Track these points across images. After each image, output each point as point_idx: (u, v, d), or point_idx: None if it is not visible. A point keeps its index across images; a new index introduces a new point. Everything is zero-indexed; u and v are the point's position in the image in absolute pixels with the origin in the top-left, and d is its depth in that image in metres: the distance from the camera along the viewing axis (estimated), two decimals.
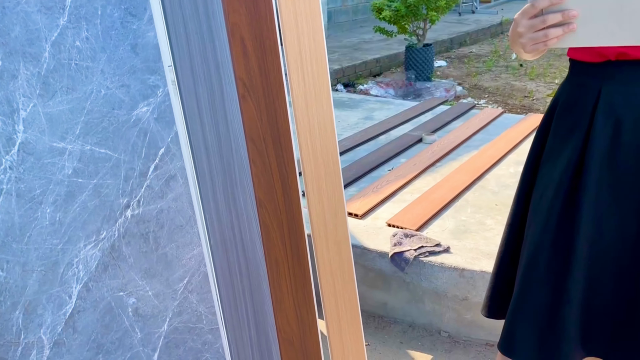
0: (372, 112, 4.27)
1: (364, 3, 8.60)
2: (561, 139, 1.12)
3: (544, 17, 0.91)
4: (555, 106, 1.16)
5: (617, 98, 1.03)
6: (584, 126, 1.07)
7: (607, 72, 1.04)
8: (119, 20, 0.86)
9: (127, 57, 0.88)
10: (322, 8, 1.08)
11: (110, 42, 0.85)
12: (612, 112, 1.03)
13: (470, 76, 5.98)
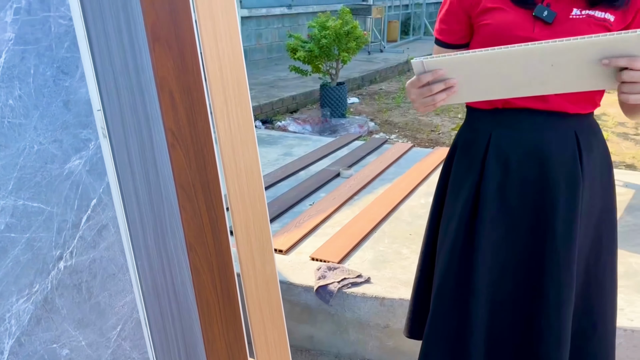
0: (291, 149, 4.38)
1: (278, 42, 8.83)
2: (461, 177, 1.27)
3: (430, 87, 1.06)
4: (455, 148, 1.32)
5: (504, 141, 1.19)
6: (478, 166, 1.22)
7: (496, 118, 1.20)
8: (51, 78, 0.89)
9: (59, 113, 0.91)
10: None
11: (42, 99, 0.88)
12: (501, 154, 1.19)
13: (381, 112, 6.30)
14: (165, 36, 1.10)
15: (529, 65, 0.98)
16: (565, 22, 1.09)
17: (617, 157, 4.55)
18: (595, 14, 1.08)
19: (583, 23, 1.08)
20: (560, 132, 1.17)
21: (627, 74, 0.94)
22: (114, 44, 1.02)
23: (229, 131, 1.27)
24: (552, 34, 1.08)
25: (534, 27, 1.11)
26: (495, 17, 1.15)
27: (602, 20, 1.08)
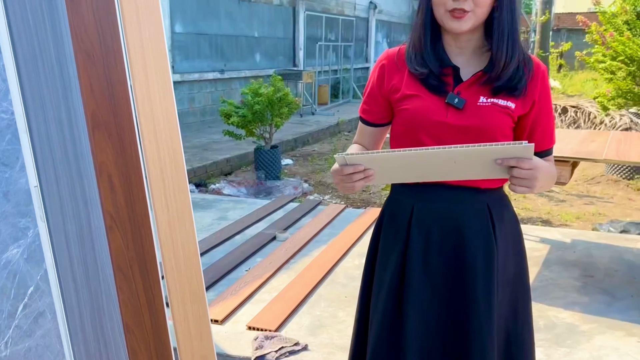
0: (226, 212, 4.39)
1: (211, 105, 8.94)
2: (388, 246, 1.37)
3: (351, 176, 1.17)
4: (382, 217, 1.43)
5: (425, 214, 1.31)
6: (403, 236, 1.33)
7: (416, 193, 1.32)
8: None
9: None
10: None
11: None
12: (422, 225, 1.31)
13: (315, 173, 6.46)
14: (105, 123, 1.14)
15: (436, 162, 1.13)
16: (474, 109, 1.24)
17: (533, 213, 4.88)
18: (499, 101, 1.24)
19: (489, 109, 1.24)
20: (474, 205, 1.29)
21: (516, 172, 1.11)
22: (54, 133, 1.06)
23: (166, 210, 1.31)
24: (463, 118, 1.23)
25: (447, 113, 1.25)
26: (413, 103, 1.28)
27: (505, 107, 1.24)
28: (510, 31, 1.22)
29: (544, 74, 1.28)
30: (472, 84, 1.25)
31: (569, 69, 20.37)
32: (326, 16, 12.45)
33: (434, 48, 1.27)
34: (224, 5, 9.11)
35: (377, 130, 1.42)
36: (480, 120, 1.23)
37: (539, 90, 1.27)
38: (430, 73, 1.26)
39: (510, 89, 1.24)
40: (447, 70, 1.26)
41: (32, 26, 1.03)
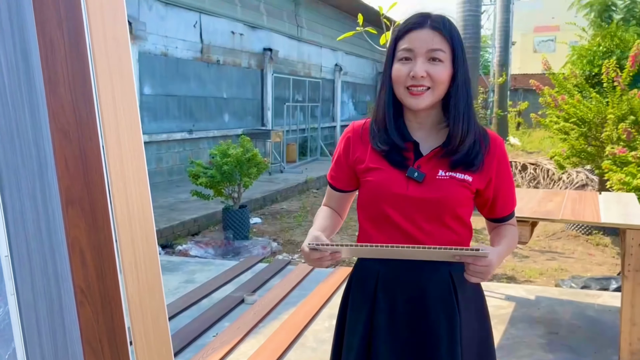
0: (193, 275, 4.33)
1: (179, 165, 8.95)
2: (356, 311, 1.40)
3: (319, 259, 1.26)
4: (350, 283, 1.46)
5: (390, 281, 1.36)
6: (370, 301, 1.37)
7: (382, 260, 1.37)
8: None
9: None
10: None
11: None
12: (388, 291, 1.35)
13: (283, 231, 6.46)
14: (79, 198, 1.17)
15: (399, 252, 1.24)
16: (433, 182, 1.31)
17: (498, 270, 4.97)
18: (457, 175, 1.31)
19: (447, 182, 1.31)
20: (436, 272, 1.34)
21: (472, 267, 1.21)
22: (28, 209, 1.07)
23: (137, 283, 1.31)
24: (423, 191, 1.30)
25: (407, 186, 1.32)
26: (376, 175, 1.35)
27: (462, 181, 1.31)
28: (465, 108, 1.31)
29: (500, 149, 1.36)
30: (431, 158, 1.32)
31: (527, 126, 21.26)
32: (293, 78, 12.81)
33: (395, 124, 1.34)
34: (193, 68, 9.31)
35: (344, 195, 1.50)
36: (439, 193, 1.30)
37: (496, 166, 1.34)
38: (392, 148, 1.33)
39: (466, 164, 1.31)
40: (408, 145, 1.34)
41: (11, 108, 1.07)
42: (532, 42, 46.74)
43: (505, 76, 18.35)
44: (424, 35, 1.27)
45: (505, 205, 1.41)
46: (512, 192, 1.42)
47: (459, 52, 1.29)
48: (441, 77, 1.27)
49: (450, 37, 1.28)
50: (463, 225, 1.36)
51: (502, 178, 1.37)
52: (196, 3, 9.24)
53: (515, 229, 1.44)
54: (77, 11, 1.19)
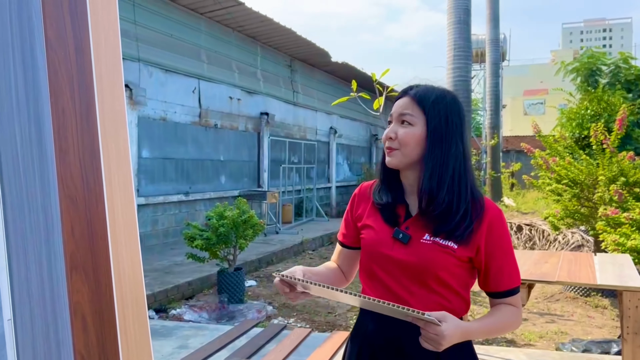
0: (187, 340, 4.25)
1: (174, 227, 8.93)
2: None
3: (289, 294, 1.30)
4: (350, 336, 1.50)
5: (376, 336, 1.38)
6: (359, 355, 1.41)
7: (371, 313, 1.38)
8: None
9: None
10: None
11: None
12: (374, 347, 1.37)
13: (279, 295, 6.37)
14: (83, 264, 1.19)
15: (364, 302, 1.24)
16: (417, 245, 1.32)
17: None
18: (440, 241, 1.31)
19: (429, 247, 1.31)
20: (419, 337, 1.30)
21: (423, 332, 1.18)
22: (33, 274, 1.09)
23: (127, 348, 1.31)
24: (406, 253, 1.33)
25: (393, 246, 1.35)
26: (368, 233, 1.41)
27: (444, 247, 1.30)
28: (435, 168, 1.31)
29: (495, 218, 1.32)
30: (418, 221, 1.34)
31: (521, 187, 21.47)
32: (289, 140, 13.03)
33: (391, 184, 1.40)
34: (190, 132, 9.48)
35: (349, 252, 1.53)
36: (420, 258, 1.31)
37: (485, 234, 1.30)
38: (387, 205, 1.39)
39: (449, 232, 1.30)
40: (402, 205, 1.38)
41: (22, 175, 1.11)
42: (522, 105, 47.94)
43: (497, 138, 18.73)
44: (401, 102, 1.37)
45: (500, 279, 1.33)
46: (511, 267, 1.34)
47: (433, 118, 1.32)
48: (405, 138, 1.32)
49: (424, 104, 1.32)
50: (453, 292, 1.33)
51: (495, 249, 1.32)
52: (195, 70, 9.54)
53: (513, 310, 1.34)
54: (89, 82, 1.25)
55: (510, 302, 1.35)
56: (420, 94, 1.35)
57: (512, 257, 1.36)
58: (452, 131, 1.33)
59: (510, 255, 1.35)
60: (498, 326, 1.33)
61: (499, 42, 20.54)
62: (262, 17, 9.96)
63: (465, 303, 1.37)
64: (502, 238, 1.33)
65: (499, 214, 1.34)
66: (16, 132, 1.12)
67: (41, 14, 1.15)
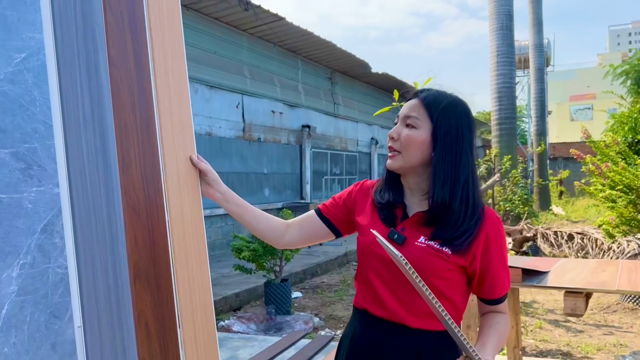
0: (236, 351, 4.29)
1: (221, 239, 9.08)
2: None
3: None
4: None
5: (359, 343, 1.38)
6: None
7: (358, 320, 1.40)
8: (44, 323, 0.97)
9: (46, 356, 0.97)
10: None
11: (34, 344, 0.95)
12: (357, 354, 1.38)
13: (325, 306, 6.37)
14: (145, 273, 1.22)
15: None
16: (411, 247, 1.30)
17: (552, 345, 4.73)
18: (434, 244, 1.28)
19: (422, 250, 1.29)
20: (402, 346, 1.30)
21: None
22: (100, 284, 1.13)
23: (196, 356, 1.34)
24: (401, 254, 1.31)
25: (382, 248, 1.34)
26: (364, 234, 1.39)
27: (438, 251, 1.27)
28: (447, 178, 1.29)
29: (493, 228, 1.30)
30: (415, 222, 1.32)
31: (570, 195, 20.81)
32: (331, 152, 13.07)
33: (391, 185, 1.39)
34: (235, 146, 9.66)
35: (316, 220, 1.50)
36: (412, 260, 1.25)
37: (482, 246, 1.29)
38: (386, 204, 1.37)
39: (447, 240, 1.28)
40: (400, 206, 1.37)
41: (89, 187, 1.16)
42: (568, 111, 46.58)
43: (543, 145, 18.26)
44: (409, 104, 1.35)
45: (494, 287, 1.33)
46: (505, 275, 1.34)
47: (442, 125, 1.30)
48: (407, 141, 1.31)
49: (431, 109, 1.31)
50: (444, 298, 1.28)
51: (492, 258, 1.30)
52: (239, 85, 9.73)
53: (505, 318, 1.36)
54: (149, 97, 1.30)
55: (500, 309, 1.36)
56: (430, 99, 1.33)
57: (506, 265, 1.34)
58: (462, 141, 1.31)
59: (505, 263, 1.34)
60: (503, 337, 1.32)
61: (542, 47, 20.10)
62: (303, 31, 10.09)
63: (456, 310, 1.33)
64: (500, 247, 1.32)
65: (497, 223, 1.33)
66: (83, 146, 1.16)
67: (104, 34, 1.20)
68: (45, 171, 1.06)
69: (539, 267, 3.15)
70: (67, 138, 1.13)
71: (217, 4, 8.61)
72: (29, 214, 1.00)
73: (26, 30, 1.04)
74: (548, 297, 6.49)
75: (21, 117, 1.02)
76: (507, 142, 12.28)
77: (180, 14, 1.45)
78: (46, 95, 1.08)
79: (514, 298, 3.60)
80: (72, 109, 1.16)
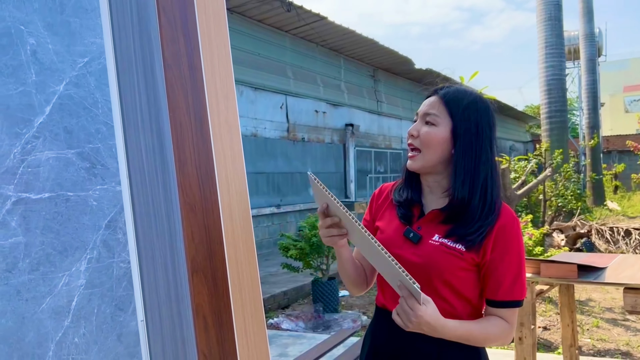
0: (285, 348, 4.34)
1: (267, 238, 9.19)
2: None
3: (329, 229, 1.33)
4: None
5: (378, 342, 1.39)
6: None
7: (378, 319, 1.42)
8: (110, 315, 1.02)
9: (113, 346, 1.01)
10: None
11: (101, 335, 1.00)
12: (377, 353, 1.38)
13: (372, 304, 6.35)
14: (202, 268, 1.26)
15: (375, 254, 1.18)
16: (425, 245, 1.29)
17: (610, 345, 4.56)
18: (448, 242, 1.26)
19: (436, 248, 1.27)
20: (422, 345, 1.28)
21: (401, 302, 1.14)
22: (160, 278, 1.17)
23: (247, 349, 1.36)
24: (414, 253, 1.29)
25: (402, 245, 1.32)
26: (381, 233, 1.39)
27: (452, 248, 1.26)
28: (467, 175, 1.27)
29: (503, 226, 1.27)
30: (431, 221, 1.31)
31: (626, 190, 19.99)
32: (375, 150, 13.02)
33: (411, 183, 1.39)
34: (280, 146, 9.76)
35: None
36: (425, 259, 1.27)
37: (493, 241, 1.26)
38: (403, 202, 1.37)
39: (461, 236, 1.26)
40: (417, 204, 1.36)
41: (148, 185, 1.20)
42: (622, 103, 44.85)
43: (596, 138, 17.62)
44: (428, 101, 1.35)
45: (498, 288, 1.26)
46: (514, 278, 1.27)
47: (463, 123, 1.29)
48: (427, 138, 1.30)
49: (451, 106, 1.30)
50: (459, 297, 1.27)
51: (500, 256, 1.26)
52: (282, 86, 9.82)
53: (504, 325, 1.26)
54: (202, 98, 1.33)
55: (503, 315, 1.27)
56: (450, 96, 1.32)
57: (518, 269, 1.27)
58: (482, 139, 1.29)
59: (516, 266, 1.27)
60: (481, 336, 1.25)
61: (594, 37, 19.38)
62: (345, 29, 10.09)
63: (474, 309, 1.31)
64: (510, 246, 1.27)
65: (512, 220, 1.28)
66: (142, 145, 1.21)
67: (159, 36, 1.24)
68: (108, 170, 1.10)
69: (596, 263, 3.05)
70: (126, 138, 1.18)
71: (259, 6, 8.72)
72: (94, 211, 1.05)
73: (88, 35, 1.09)
74: (605, 295, 6.25)
75: (85, 119, 1.07)
76: (557, 136, 11.91)
77: (225, 16, 1.48)
78: (107, 97, 1.13)
79: (569, 295, 3.50)
80: (131, 110, 1.20)
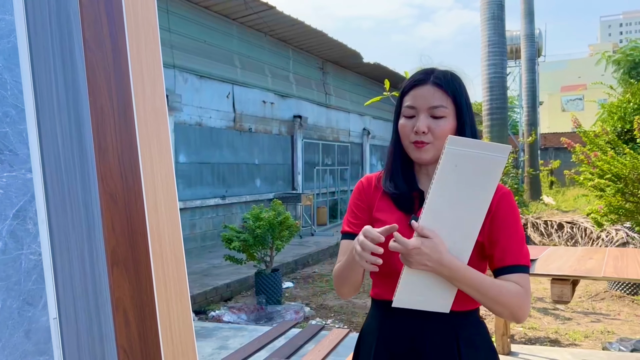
0: (226, 341, 4.29)
1: (212, 230, 9.05)
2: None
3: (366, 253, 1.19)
4: (361, 334, 1.47)
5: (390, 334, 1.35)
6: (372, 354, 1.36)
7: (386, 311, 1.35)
8: (16, 310, 0.96)
9: (19, 343, 0.96)
10: None
11: (6, 331, 0.93)
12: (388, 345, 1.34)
13: (316, 296, 6.38)
14: (123, 260, 1.20)
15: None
16: None
17: (540, 333, 4.77)
18: None
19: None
20: (439, 330, 1.28)
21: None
22: (76, 271, 1.11)
23: (171, 344, 1.32)
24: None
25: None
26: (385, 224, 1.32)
27: None
28: None
29: (504, 199, 1.29)
30: None
31: (560, 185, 20.93)
32: (323, 143, 13.05)
33: (404, 173, 1.37)
34: (226, 136, 9.61)
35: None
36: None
37: (492, 215, 1.27)
38: (400, 195, 1.35)
39: None
40: (416, 193, 1.35)
41: (64, 173, 1.14)
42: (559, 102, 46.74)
43: (534, 135, 18.31)
44: (425, 92, 1.28)
45: (505, 255, 1.27)
46: (518, 246, 1.28)
47: (463, 106, 1.29)
48: (442, 133, 1.28)
49: (453, 92, 1.29)
50: None
51: (501, 226, 1.28)
52: (229, 75, 9.66)
53: (518, 288, 1.24)
54: (126, 82, 1.27)
55: (515, 280, 1.25)
56: (445, 82, 1.29)
57: (519, 238, 1.29)
58: (471, 111, 1.32)
59: (518, 235, 1.29)
60: (494, 290, 1.22)
61: (534, 38, 20.09)
62: (294, 20, 10.02)
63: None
64: (509, 216, 1.29)
65: (507, 194, 1.31)
66: (57, 131, 1.14)
67: (79, 15, 1.17)
68: (17, 156, 1.04)
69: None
70: (40, 122, 1.11)
71: None
72: (0, 200, 0.98)
73: None
74: (537, 286, 6.53)
75: None
76: (498, 132, 12.30)
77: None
78: (17, 79, 1.06)
79: None
80: (46, 93, 1.14)
